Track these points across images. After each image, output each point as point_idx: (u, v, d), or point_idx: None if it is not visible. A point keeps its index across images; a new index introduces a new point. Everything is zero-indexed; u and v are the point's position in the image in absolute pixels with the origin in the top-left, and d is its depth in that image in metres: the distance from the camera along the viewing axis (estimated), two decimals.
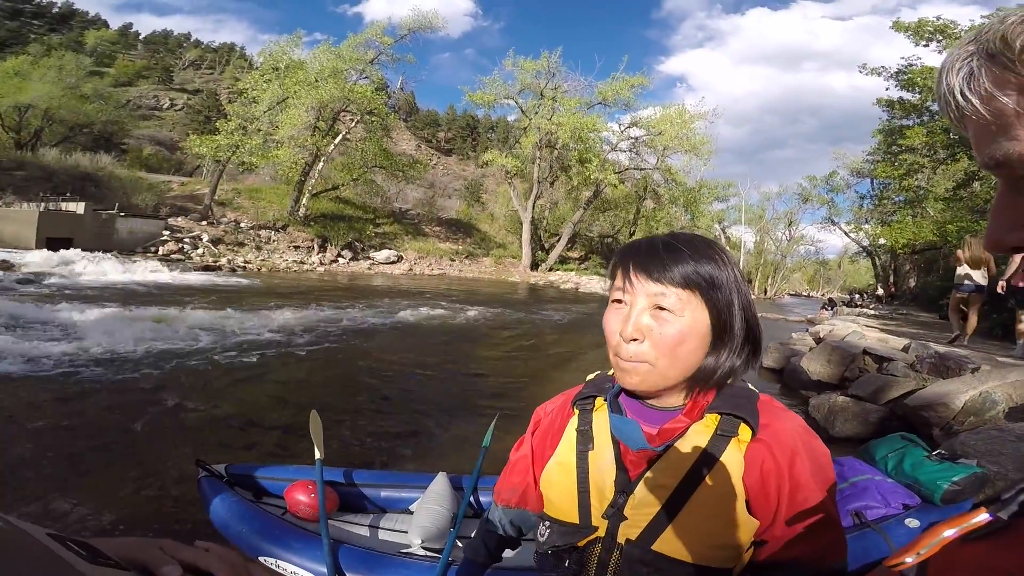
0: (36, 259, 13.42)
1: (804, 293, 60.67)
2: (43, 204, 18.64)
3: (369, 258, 25.12)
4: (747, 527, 0.68)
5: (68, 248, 15.52)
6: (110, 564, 0.37)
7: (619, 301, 0.73)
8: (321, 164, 26.33)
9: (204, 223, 22.13)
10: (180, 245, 19.29)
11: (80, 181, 22.46)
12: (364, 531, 2.04)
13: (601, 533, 0.74)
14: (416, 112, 60.24)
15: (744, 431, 0.70)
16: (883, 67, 15.97)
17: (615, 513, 0.73)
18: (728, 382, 0.75)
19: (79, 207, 18.69)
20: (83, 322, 6.52)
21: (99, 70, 39.07)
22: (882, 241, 20.92)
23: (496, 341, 8.83)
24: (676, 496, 0.70)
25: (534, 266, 29.68)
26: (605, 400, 0.81)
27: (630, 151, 31.86)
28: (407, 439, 3.78)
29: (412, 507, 2.09)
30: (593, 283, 25.19)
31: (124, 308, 7.74)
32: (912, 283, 24.98)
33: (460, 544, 1.97)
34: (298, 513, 1.96)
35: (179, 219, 21.78)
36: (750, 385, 0.78)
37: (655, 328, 0.70)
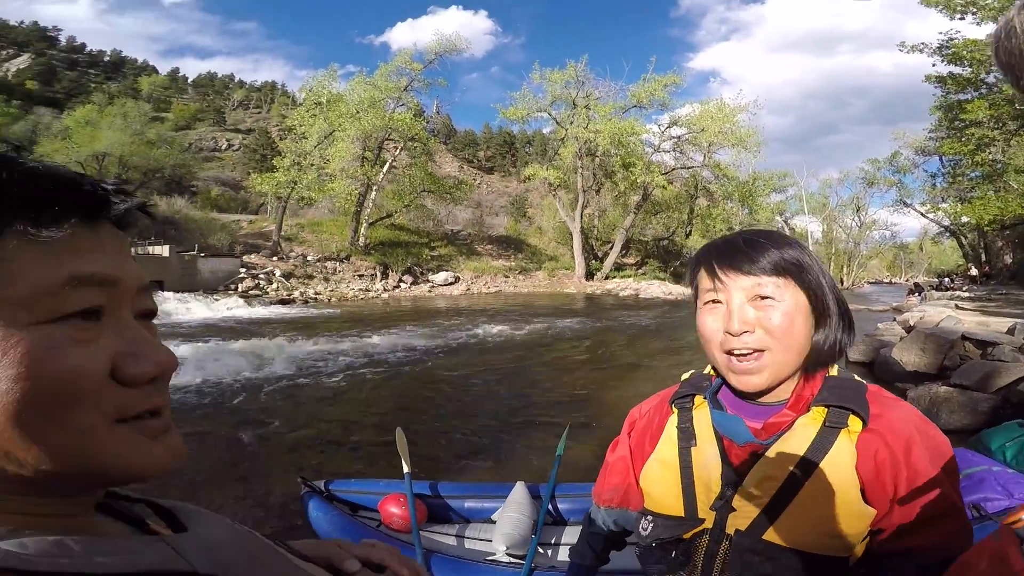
0: None
1: (885, 280, 56.55)
2: (133, 249, 20.10)
3: (428, 281, 25.76)
4: (862, 516, 0.68)
5: (160, 290, 16.49)
6: (309, 560, 0.42)
7: (714, 301, 0.74)
8: (373, 193, 27.37)
9: (275, 259, 23.53)
10: (256, 281, 20.54)
11: (161, 225, 23.78)
12: (452, 540, 2.11)
13: (709, 524, 0.75)
14: (454, 134, 61.51)
15: (854, 422, 0.70)
16: (923, 44, 15.72)
17: (724, 505, 0.74)
18: (833, 372, 0.76)
19: (164, 250, 19.54)
20: (185, 358, 7.08)
21: (159, 115, 41.33)
22: (965, 219, 19.43)
23: (559, 353, 8.82)
24: (786, 487, 0.70)
25: (589, 275, 29.36)
26: (705, 398, 0.82)
27: (674, 151, 31.22)
28: (484, 451, 3.86)
29: (494, 516, 2.14)
30: (653, 288, 24.55)
31: (219, 343, 8.41)
32: (1008, 260, 22.75)
33: (541, 550, 2.00)
34: (392, 525, 2.06)
35: (252, 256, 23.26)
36: (856, 376, 0.77)
37: (762, 316, 0.71)
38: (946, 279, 26.25)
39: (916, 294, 17.12)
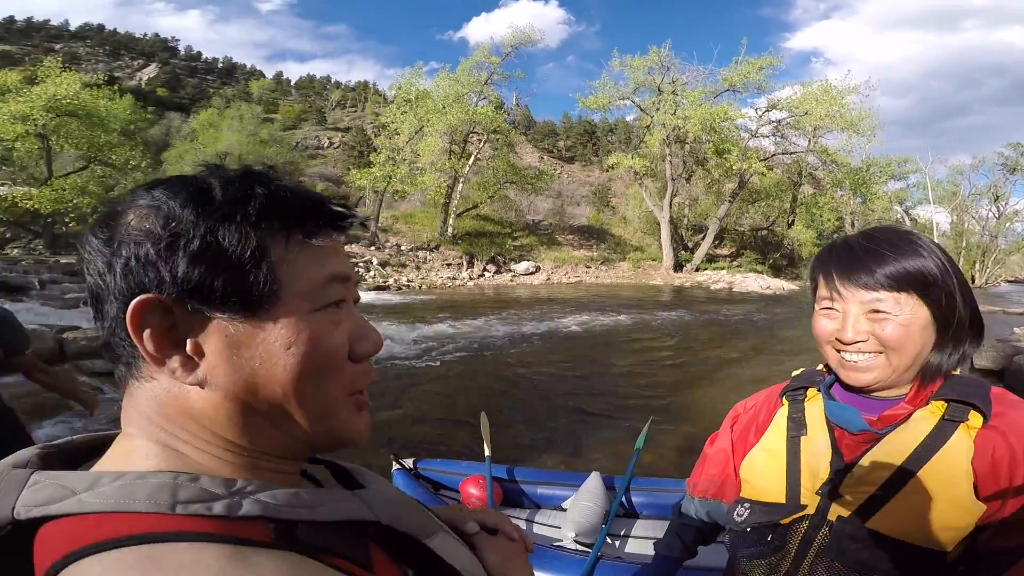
0: None
1: None
2: None
3: (511, 270, 26.17)
4: (971, 511, 0.66)
5: None
6: (439, 519, 0.50)
7: (830, 308, 0.76)
8: (460, 185, 28.27)
9: (372, 248, 25.11)
10: (356, 269, 22.08)
11: None
12: (522, 524, 2.18)
13: (810, 511, 0.76)
14: (534, 125, 60.83)
15: (974, 417, 0.69)
16: None
17: (830, 491, 0.75)
18: (956, 372, 0.75)
19: None
20: None
21: (268, 116, 45.00)
22: None
23: (643, 346, 8.65)
24: (896, 477, 0.70)
25: (678, 267, 28.15)
26: (819, 390, 0.83)
27: (774, 136, 28.85)
28: (562, 439, 3.93)
29: (565, 504, 2.18)
30: (749, 281, 22.96)
31: None
32: None
33: (610, 540, 2.02)
34: (469, 505, 2.18)
35: (353, 246, 24.95)
36: (979, 377, 0.75)
37: (876, 327, 0.71)
38: None
39: None
